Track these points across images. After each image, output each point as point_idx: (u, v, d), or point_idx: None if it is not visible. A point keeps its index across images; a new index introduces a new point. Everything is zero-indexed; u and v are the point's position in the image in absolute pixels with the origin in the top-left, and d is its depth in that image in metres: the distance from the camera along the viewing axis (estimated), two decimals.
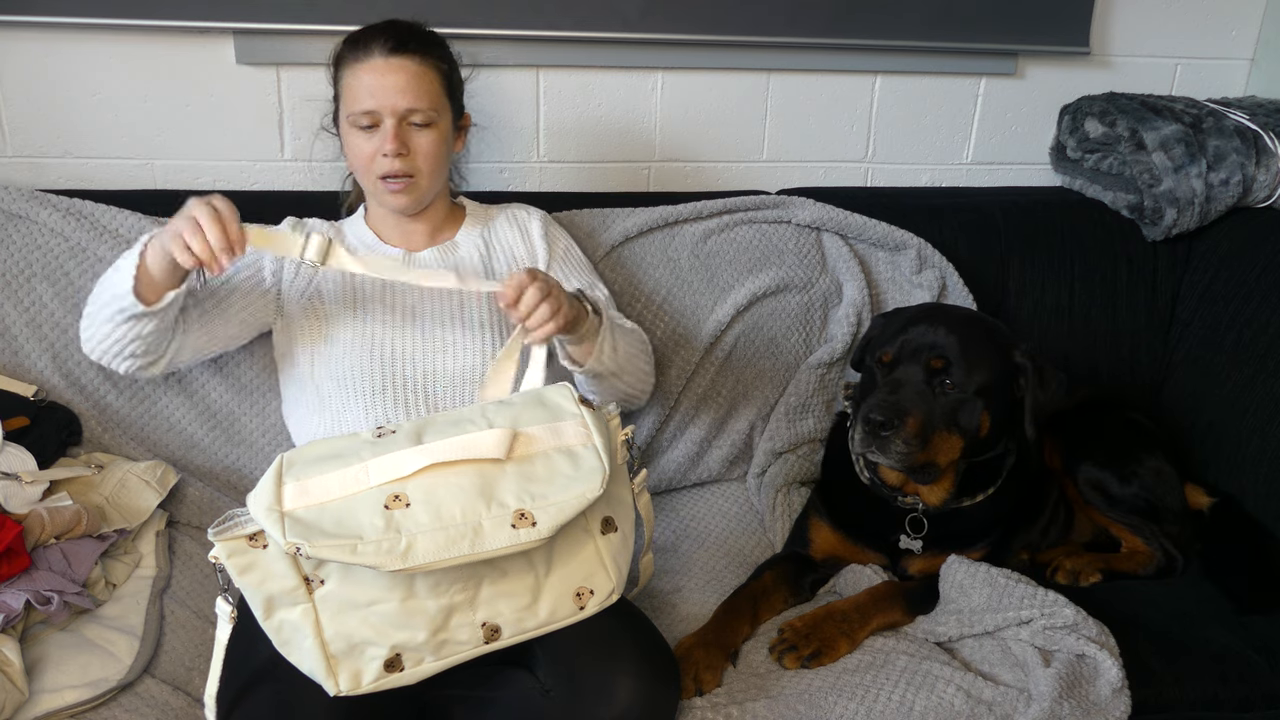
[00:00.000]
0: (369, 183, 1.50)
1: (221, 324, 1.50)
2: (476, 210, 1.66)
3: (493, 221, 1.65)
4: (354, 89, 1.46)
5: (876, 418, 1.36)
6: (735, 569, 1.60)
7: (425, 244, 1.58)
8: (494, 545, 1.10)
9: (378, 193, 1.51)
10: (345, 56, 1.48)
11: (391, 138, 1.44)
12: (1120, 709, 1.32)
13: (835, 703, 1.28)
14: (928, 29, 2.02)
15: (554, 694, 1.20)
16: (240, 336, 1.56)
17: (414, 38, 1.49)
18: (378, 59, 1.45)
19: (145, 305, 1.31)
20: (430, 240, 1.59)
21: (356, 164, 1.50)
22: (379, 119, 1.45)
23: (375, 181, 1.48)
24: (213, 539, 1.10)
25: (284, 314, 1.54)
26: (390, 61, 1.45)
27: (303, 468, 1.13)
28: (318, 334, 1.50)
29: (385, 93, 1.44)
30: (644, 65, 1.96)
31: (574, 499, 1.15)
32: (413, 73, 1.46)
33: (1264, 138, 1.97)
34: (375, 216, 1.60)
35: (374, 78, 1.44)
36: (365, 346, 1.48)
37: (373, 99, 1.44)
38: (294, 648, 1.11)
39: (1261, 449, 1.75)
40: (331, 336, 1.49)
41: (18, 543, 1.29)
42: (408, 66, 1.46)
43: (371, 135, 1.46)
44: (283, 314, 1.54)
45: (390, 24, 1.49)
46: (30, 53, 1.75)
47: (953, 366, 1.40)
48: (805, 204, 1.90)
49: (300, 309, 1.52)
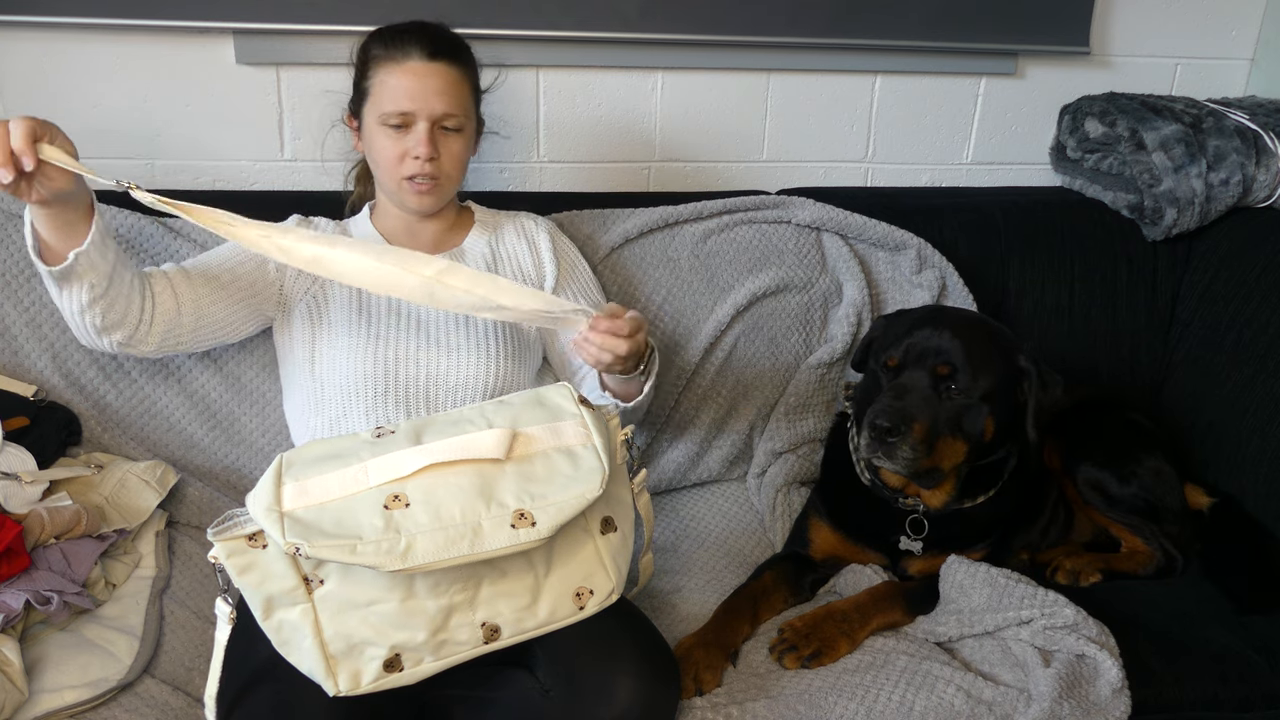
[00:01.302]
0: (392, 182, 1.49)
1: (216, 305, 1.46)
2: (485, 217, 1.65)
3: (500, 230, 1.64)
4: (390, 88, 1.45)
5: (883, 424, 1.35)
6: (735, 569, 1.60)
7: (431, 249, 1.57)
8: (493, 545, 1.10)
9: (400, 192, 1.50)
10: (379, 55, 1.47)
11: (426, 141, 1.44)
12: (1120, 709, 1.32)
13: (835, 703, 1.28)
14: (928, 29, 2.02)
15: (554, 694, 1.20)
16: (239, 325, 1.52)
17: (451, 43, 1.49)
18: (416, 61, 1.44)
19: (49, 265, 1.26)
20: (436, 245, 1.58)
21: (382, 162, 1.49)
22: (412, 121, 1.45)
23: (400, 181, 1.48)
24: (212, 539, 1.10)
25: (286, 308, 1.53)
26: (430, 65, 1.44)
27: (302, 468, 1.13)
28: (320, 331, 1.50)
29: (424, 96, 1.44)
30: (644, 65, 1.96)
31: (573, 499, 1.15)
32: (450, 78, 1.46)
33: (1264, 138, 1.97)
34: (384, 217, 1.59)
35: (413, 80, 1.44)
36: (369, 347, 1.47)
37: (410, 101, 1.43)
38: (293, 648, 1.11)
39: (1261, 449, 1.75)
40: (334, 335, 1.49)
41: (18, 543, 1.29)
42: (446, 72, 1.46)
43: (401, 136, 1.45)
44: (284, 308, 1.53)
45: (424, 26, 1.49)
46: (30, 53, 1.75)
47: (958, 373, 1.40)
48: (805, 204, 1.90)
49: (303, 304, 1.51)
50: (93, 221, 1.26)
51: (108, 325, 1.35)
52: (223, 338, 1.53)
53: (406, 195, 1.49)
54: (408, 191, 1.49)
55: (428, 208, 1.52)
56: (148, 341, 1.41)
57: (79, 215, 1.24)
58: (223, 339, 1.53)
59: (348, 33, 1.80)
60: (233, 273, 1.49)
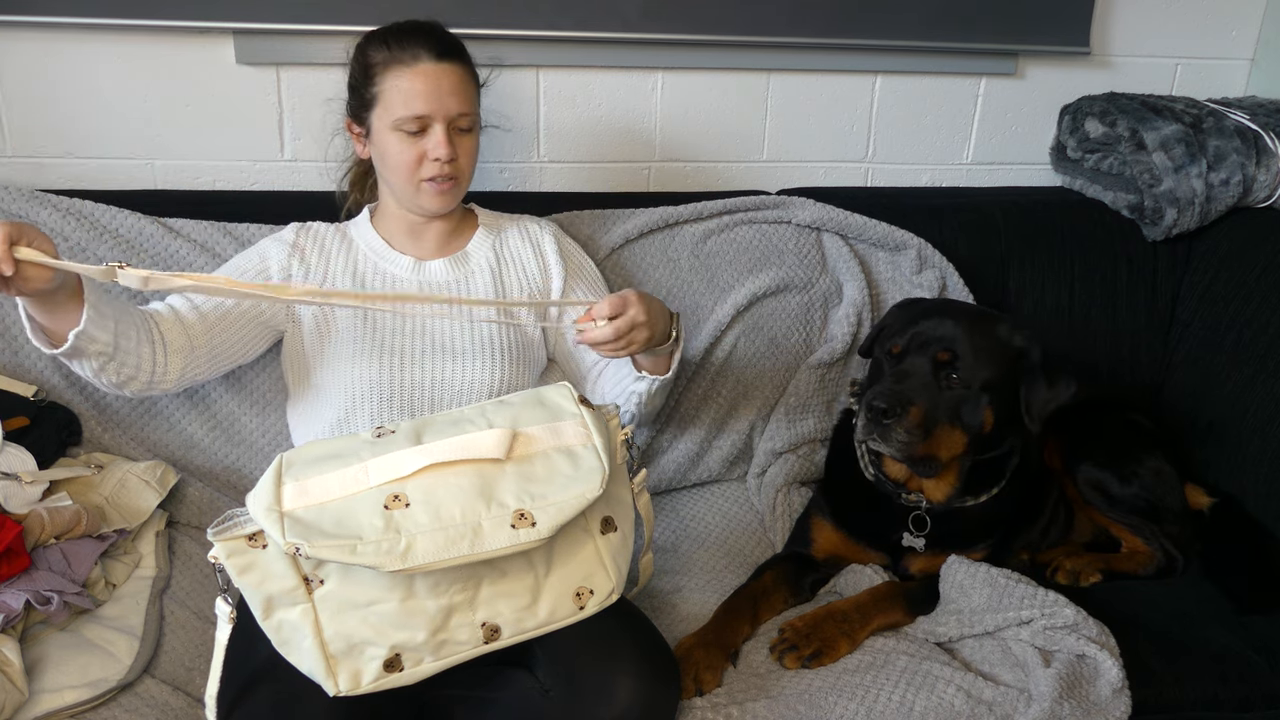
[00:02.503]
0: (409, 185, 1.47)
1: (228, 332, 1.46)
2: (488, 219, 1.64)
3: (504, 233, 1.63)
4: (402, 92, 1.42)
5: (879, 405, 1.36)
6: (735, 569, 1.60)
7: (435, 253, 1.56)
8: (494, 545, 1.10)
9: (419, 195, 1.48)
10: (384, 59, 1.44)
11: (445, 143, 1.43)
12: (1120, 709, 1.32)
13: (835, 703, 1.28)
14: (928, 29, 2.02)
15: (554, 694, 1.20)
16: (253, 344, 1.52)
17: (455, 42, 1.48)
18: (427, 63, 1.42)
19: (53, 348, 1.26)
20: (441, 249, 1.57)
21: (397, 166, 1.46)
22: (428, 123, 1.43)
23: (418, 183, 1.46)
24: (212, 539, 1.10)
25: (295, 319, 1.52)
26: (440, 66, 1.43)
27: (302, 467, 1.13)
28: (328, 339, 1.49)
29: (438, 97, 1.42)
30: (644, 65, 1.96)
31: (574, 499, 1.15)
32: (460, 77, 1.45)
33: (1264, 138, 1.97)
34: (386, 220, 1.57)
35: (425, 82, 1.42)
36: (374, 353, 1.47)
37: (425, 104, 1.42)
38: (293, 648, 1.11)
39: (1261, 449, 1.75)
40: (341, 342, 1.48)
41: (18, 543, 1.29)
42: (456, 71, 1.45)
43: (417, 140, 1.44)
44: (294, 319, 1.52)
45: (424, 26, 1.47)
46: (30, 53, 1.75)
47: (959, 360, 1.40)
48: (805, 204, 1.90)
49: (310, 313, 1.50)
50: (84, 300, 1.23)
51: (123, 381, 1.35)
52: (239, 359, 1.52)
53: (425, 197, 1.48)
54: (427, 193, 1.47)
55: (446, 206, 1.51)
56: (165, 381, 1.40)
57: (68, 296, 1.22)
58: (240, 360, 1.53)
59: (348, 33, 1.80)
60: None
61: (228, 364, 1.50)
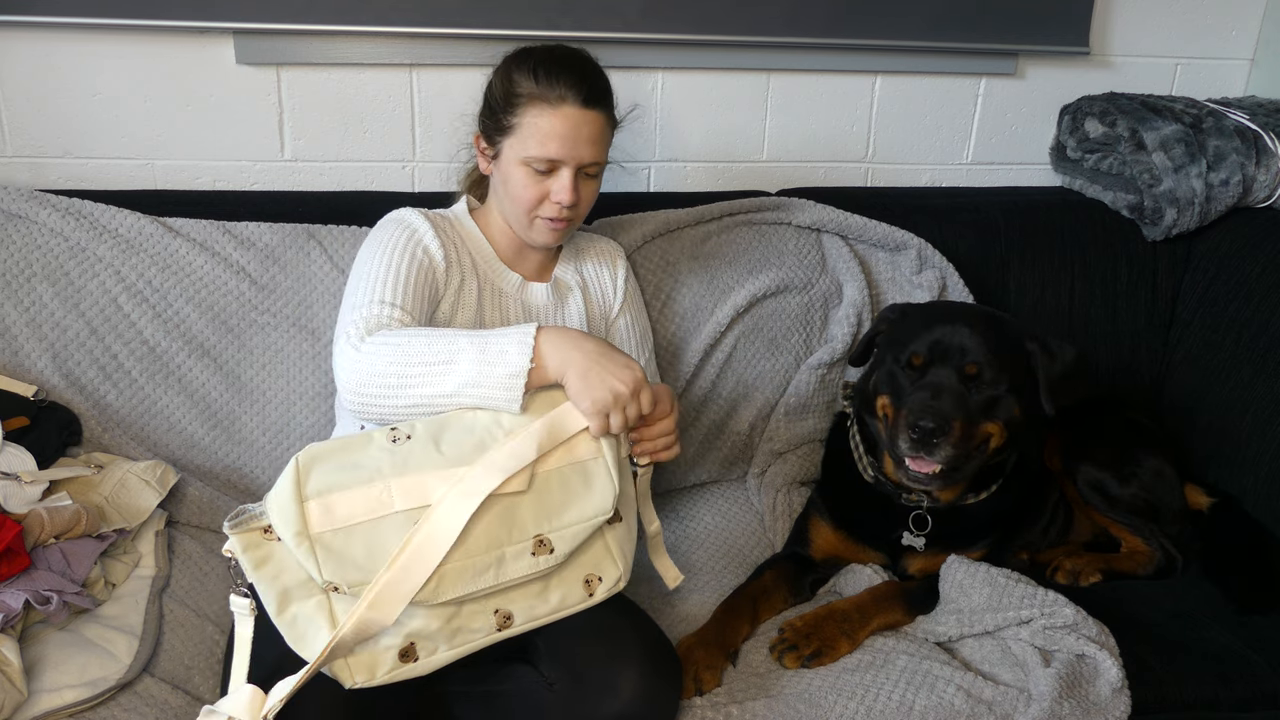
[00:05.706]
0: (525, 216, 1.45)
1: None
2: (568, 240, 1.62)
3: (583, 255, 1.63)
4: (541, 130, 1.39)
5: (928, 424, 1.36)
6: (735, 569, 1.60)
7: (537, 274, 1.56)
8: (515, 574, 1.13)
9: (531, 229, 1.46)
10: (529, 94, 1.40)
11: (571, 189, 1.41)
12: (1120, 709, 1.32)
13: (835, 702, 1.28)
14: (928, 29, 2.02)
15: (557, 687, 1.20)
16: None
17: (603, 88, 1.45)
18: (572, 108, 1.39)
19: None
20: (541, 271, 1.57)
21: (518, 199, 1.43)
22: (558, 167, 1.41)
23: (533, 219, 1.45)
24: (228, 532, 1.09)
25: (461, 304, 1.48)
26: (585, 113, 1.40)
27: (321, 477, 1.11)
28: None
29: (574, 144, 1.40)
30: (644, 65, 1.96)
31: (587, 524, 1.17)
32: (600, 126, 1.43)
33: (1264, 138, 1.97)
34: (491, 226, 1.54)
35: (566, 127, 1.39)
36: None
37: (560, 149, 1.39)
38: (308, 642, 1.09)
39: (1261, 449, 1.75)
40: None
41: (17, 543, 1.29)
42: (598, 121, 1.42)
43: (543, 179, 1.42)
44: (461, 304, 1.48)
45: (576, 61, 1.43)
46: (30, 53, 1.75)
47: (984, 370, 1.41)
48: (805, 205, 1.90)
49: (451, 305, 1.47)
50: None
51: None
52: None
53: (538, 232, 1.47)
54: (541, 229, 1.46)
55: (555, 244, 1.51)
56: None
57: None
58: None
59: (348, 33, 1.81)
60: (422, 293, 1.40)
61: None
